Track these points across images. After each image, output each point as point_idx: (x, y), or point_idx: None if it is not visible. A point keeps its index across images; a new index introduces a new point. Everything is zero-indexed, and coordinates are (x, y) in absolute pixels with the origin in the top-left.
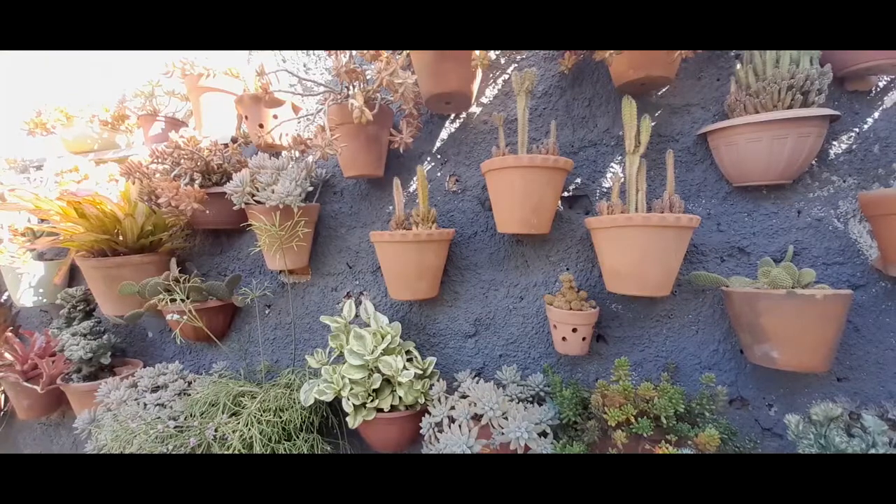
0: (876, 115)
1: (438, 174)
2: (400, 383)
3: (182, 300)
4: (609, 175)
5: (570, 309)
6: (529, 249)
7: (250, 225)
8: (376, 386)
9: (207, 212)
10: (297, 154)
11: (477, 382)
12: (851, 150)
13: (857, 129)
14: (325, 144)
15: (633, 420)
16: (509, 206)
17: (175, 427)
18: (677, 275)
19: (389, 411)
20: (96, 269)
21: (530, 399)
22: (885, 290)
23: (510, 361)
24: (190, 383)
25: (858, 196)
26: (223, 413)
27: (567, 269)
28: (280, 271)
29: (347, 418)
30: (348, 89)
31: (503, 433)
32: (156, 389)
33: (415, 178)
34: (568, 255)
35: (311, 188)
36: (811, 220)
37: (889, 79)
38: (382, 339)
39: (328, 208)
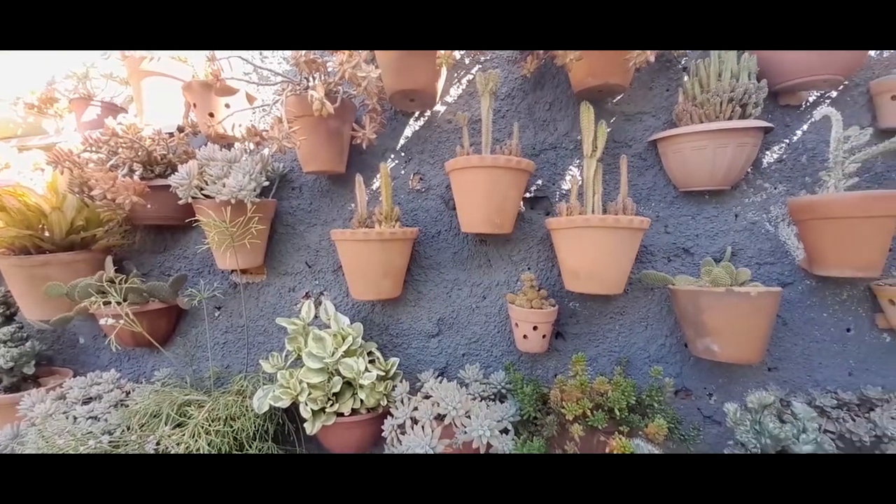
0: (805, 127)
1: (402, 172)
2: (362, 386)
3: (118, 302)
4: (568, 177)
5: (532, 307)
6: (492, 249)
7: (197, 221)
8: (336, 389)
9: (149, 206)
10: (252, 146)
11: (440, 382)
12: (782, 159)
13: (787, 141)
14: (283, 137)
15: (588, 413)
16: (473, 206)
17: (110, 442)
18: (629, 274)
19: (350, 415)
20: (18, 268)
21: (492, 397)
22: (810, 287)
23: (473, 360)
24: (128, 393)
25: (787, 202)
26: (166, 424)
27: (528, 269)
28: (232, 271)
29: (305, 424)
30: (308, 80)
31: (466, 432)
32: (88, 401)
33: (378, 176)
34: (529, 254)
35: (266, 183)
36: (747, 224)
37: (818, 94)
38: (343, 340)
39: (286, 204)
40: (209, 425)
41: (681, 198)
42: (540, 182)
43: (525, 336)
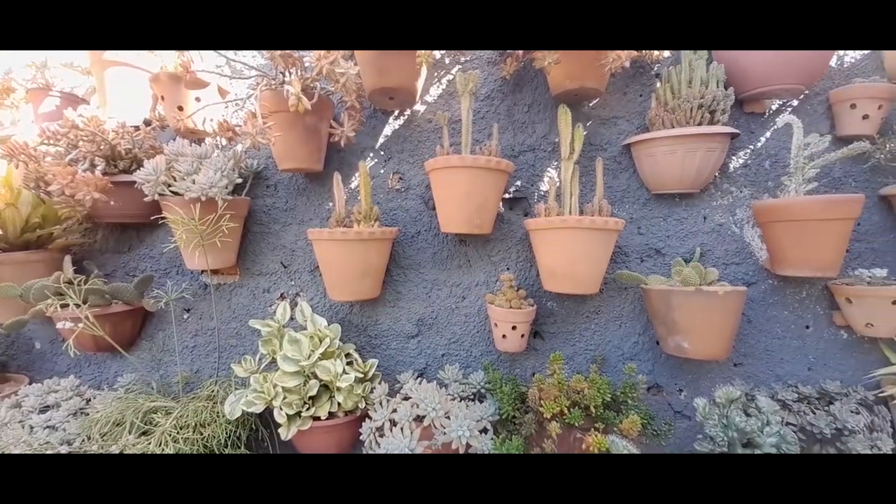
0: (768, 134)
1: (381, 171)
2: (339, 388)
3: (77, 305)
4: (546, 179)
5: (511, 307)
6: (472, 249)
7: (164, 219)
8: (313, 393)
9: (112, 203)
10: (224, 142)
11: (420, 383)
12: (747, 164)
13: (752, 147)
14: (257, 133)
15: (566, 411)
16: (453, 206)
17: (69, 453)
18: (604, 274)
19: (327, 418)
20: None
21: (472, 397)
22: (773, 286)
23: (452, 360)
24: (88, 401)
25: (752, 205)
26: (130, 433)
27: (507, 269)
28: (202, 271)
29: (280, 429)
30: (284, 75)
31: (445, 433)
32: (45, 409)
33: (356, 175)
34: (508, 255)
35: (239, 180)
36: (714, 226)
37: (780, 103)
38: (320, 342)
39: (260, 203)
40: (177, 433)
41: (653, 200)
42: (519, 183)
43: (504, 336)
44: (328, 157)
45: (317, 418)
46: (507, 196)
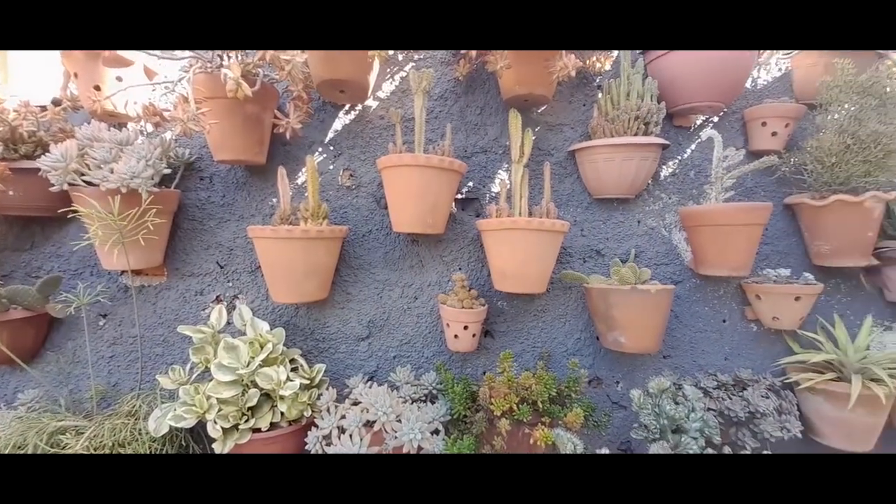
0: (693, 147)
1: (331, 167)
2: (282, 397)
3: None
4: (497, 181)
5: (463, 307)
6: (424, 249)
7: (75, 212)
8: (253, 403)
9: (11, 193)
10: (150, 128)
11: (370, 387)
12: (675, 173)
13: (679, 157)
14: (188, 119)
15: (515, 408)
16: (406, 205)
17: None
18: (551, 274)
19: (269, 429)
20: None
21: (424, 398)
22: (696, 285)
23: (404, 362)
24: None
25: (678, 210)
26: None
27: (460, 269)
28: (122, 272)
29: (215, 444)
30: (221, 58)
31: (396, 437)
32: None
33: (303, 170)
34: (461, 255)
35: (168, 170)
36: (647, 229)
37: (703, 118)
38: (261, 348)
39: (193, 196)
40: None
41: (594, 204)
42: (471, 184)
43: (456, 336)
44: (272, 150)
45: (257, 430)
46: (459, 197)
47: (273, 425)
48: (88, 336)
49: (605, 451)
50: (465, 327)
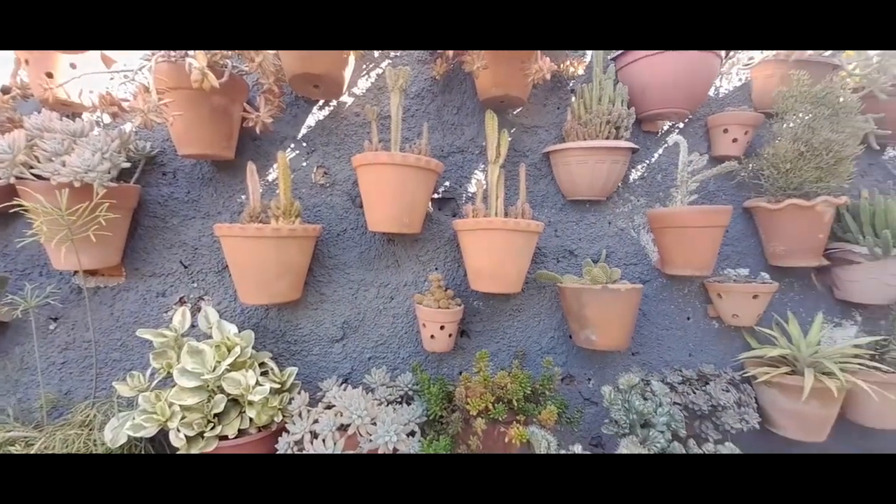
0: (660, 151)
1: (304, 164)
2: (251, 402)
3: None
4: (474, 181)
5: (439, 308)
6: (401, 249)
7: (19, 207)
8: (219, 409)
9: None
10: (108, 119)
11: (344, 389)
12: (644, 177)
13: (648, 161)
14: (149, 109)
15: (491, 407)
16: (382, 204)
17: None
18: (526, 273)
19: (237, 436)
20: None
21: (399, 399)
22: (663, 284)
23: (380, 363)
24: None
25: (647, 213)
26: None
27: (436, 269)
28: (74, 272)
29: (178, 454)
30: None
31: (371, 440)
32: None
33: (275, 166)
34: (437, 255)
35: (127, 164)
36: (617, 230)
37: (670, 125)
38: (229, 351)
39: (155, 192)
40: None
41: (568, 205)
42: (448, 184)
43: (432, 336)
44: (242, 145)
45: (224, 437)
46: (436, 196)
47: (241, 432)
48: (38, 341)
49: (577, 446)
50: (442, 327)
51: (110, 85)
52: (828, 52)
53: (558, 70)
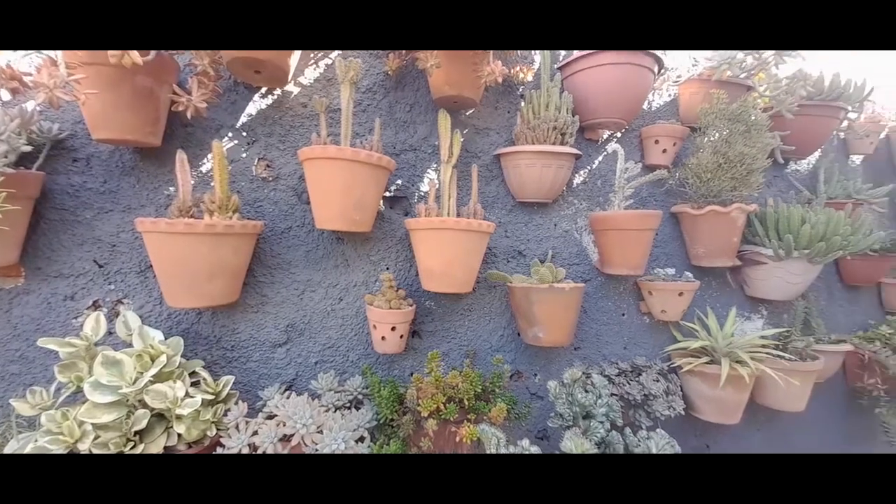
0: (600, 158)
1: (243, 155)
2: (179, 417)
3: None
4: (426, 180)
5: (390, 308)
6: (350, 248)
7: None
8: (141, 426)
9: None
10: (7, 95)
11: (287, 397)
12: (586, 181)
13: (589, 167)
14: (56, 85)
15: (442, 407)
16: (331, 201)
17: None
18: (477, 273)
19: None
20: None
21: (348, 405)
22: (602, 283)
23: (327, 368)
24: None
25: (588, 216)
26: None
27: (388, 269)
28: None
29: None
30: None
31: (317, 449)
32: None
33: (209, 156)
34: (388, 254)
35: (28, 148)
36: (562, 232)
37: (609, 134)
38: (153, 361)
39: (63, 181)
40: None
41: (517, 207)
42: (400, 182)
43: (383, 337)
44: (170, 132)
45: None
46: (387, 194)
47: (168, 450)
48: None
49: (525, 440)
50: (393, 328)
51: (12, 57)
52: (743, 75)
53: (509, 75)
